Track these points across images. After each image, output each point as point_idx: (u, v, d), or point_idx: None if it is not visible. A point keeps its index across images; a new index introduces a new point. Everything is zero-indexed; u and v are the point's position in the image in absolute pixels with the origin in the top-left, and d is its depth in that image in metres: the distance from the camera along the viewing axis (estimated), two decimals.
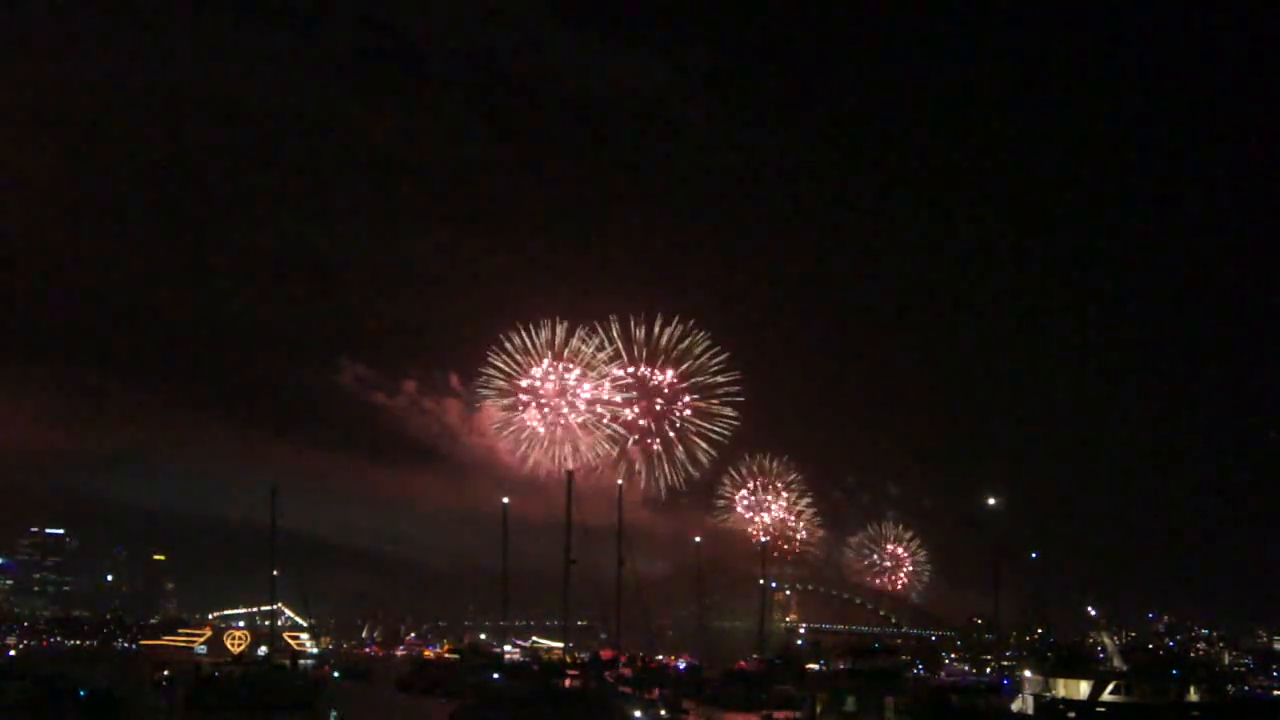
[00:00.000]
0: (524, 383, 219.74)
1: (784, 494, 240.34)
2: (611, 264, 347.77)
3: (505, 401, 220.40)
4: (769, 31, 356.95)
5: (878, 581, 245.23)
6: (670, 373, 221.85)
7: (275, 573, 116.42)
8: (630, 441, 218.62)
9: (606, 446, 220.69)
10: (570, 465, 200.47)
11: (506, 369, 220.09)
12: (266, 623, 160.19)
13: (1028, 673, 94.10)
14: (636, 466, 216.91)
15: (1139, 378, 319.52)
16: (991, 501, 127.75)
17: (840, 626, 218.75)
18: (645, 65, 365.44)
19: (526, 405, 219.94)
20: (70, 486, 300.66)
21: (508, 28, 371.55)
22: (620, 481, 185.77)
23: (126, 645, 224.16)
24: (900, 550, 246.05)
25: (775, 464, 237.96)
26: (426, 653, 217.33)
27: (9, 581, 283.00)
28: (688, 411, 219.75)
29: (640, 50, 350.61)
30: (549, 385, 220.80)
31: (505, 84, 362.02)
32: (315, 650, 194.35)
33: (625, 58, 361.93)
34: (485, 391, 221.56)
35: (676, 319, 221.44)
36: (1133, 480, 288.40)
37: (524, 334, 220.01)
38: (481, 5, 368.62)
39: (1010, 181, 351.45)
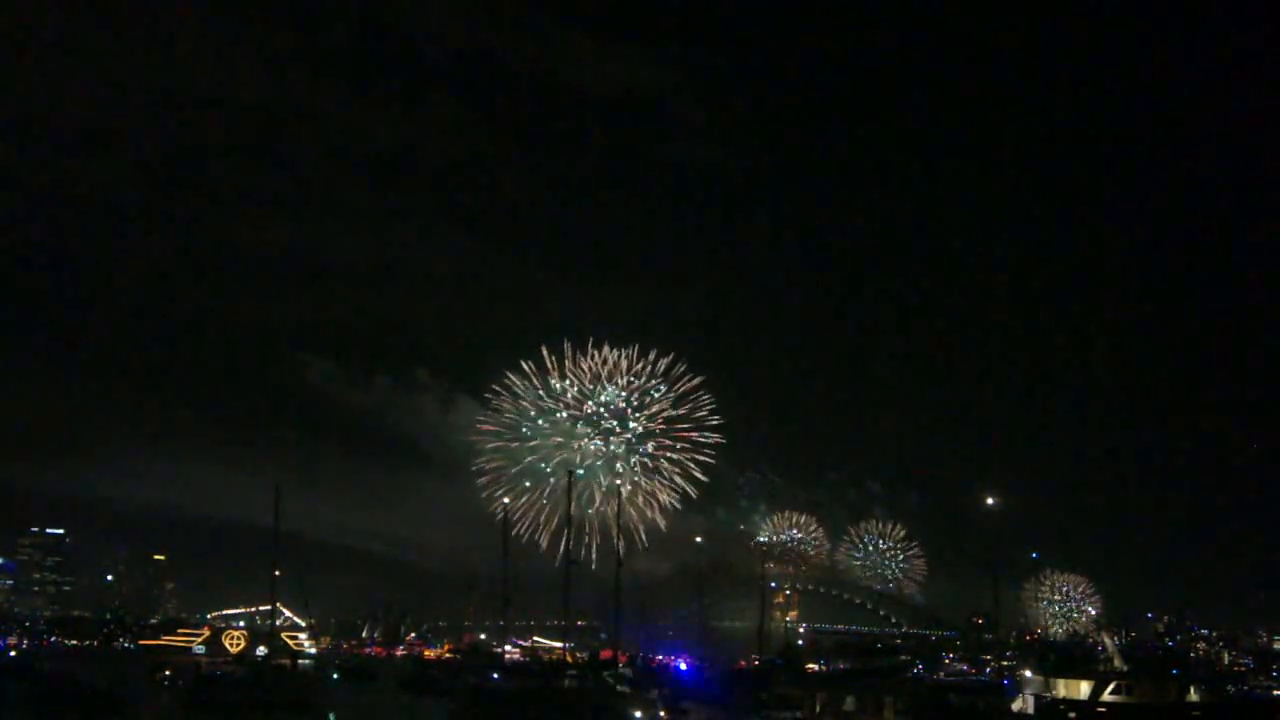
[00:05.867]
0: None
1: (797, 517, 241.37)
2: (609, 261, 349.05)
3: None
4: (768, 32, 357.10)
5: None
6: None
7: (277, 573, 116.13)
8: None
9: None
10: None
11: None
12: (266, 623, 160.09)
13: (1028, 673, 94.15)
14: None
15: (1139, 378, 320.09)
16: (989, 501, 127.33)
17: (840, 626, 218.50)
18: (645, 65, 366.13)
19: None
20: (70, 486, 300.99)
21: (508, 28, 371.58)
22: (619, 482, 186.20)
23: (126, 645, 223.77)
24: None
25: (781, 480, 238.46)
26: (427, 653, 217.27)
27: (9, 581, 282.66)
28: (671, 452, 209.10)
29: (640, 50, 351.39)
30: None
31: (505, 83, 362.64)
32: (313, 650, 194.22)
33: (625, 58, 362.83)
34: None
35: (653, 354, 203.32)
36: (1132, 481, 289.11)
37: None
38: (481, 5, 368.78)
39: (1008, 182, 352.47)
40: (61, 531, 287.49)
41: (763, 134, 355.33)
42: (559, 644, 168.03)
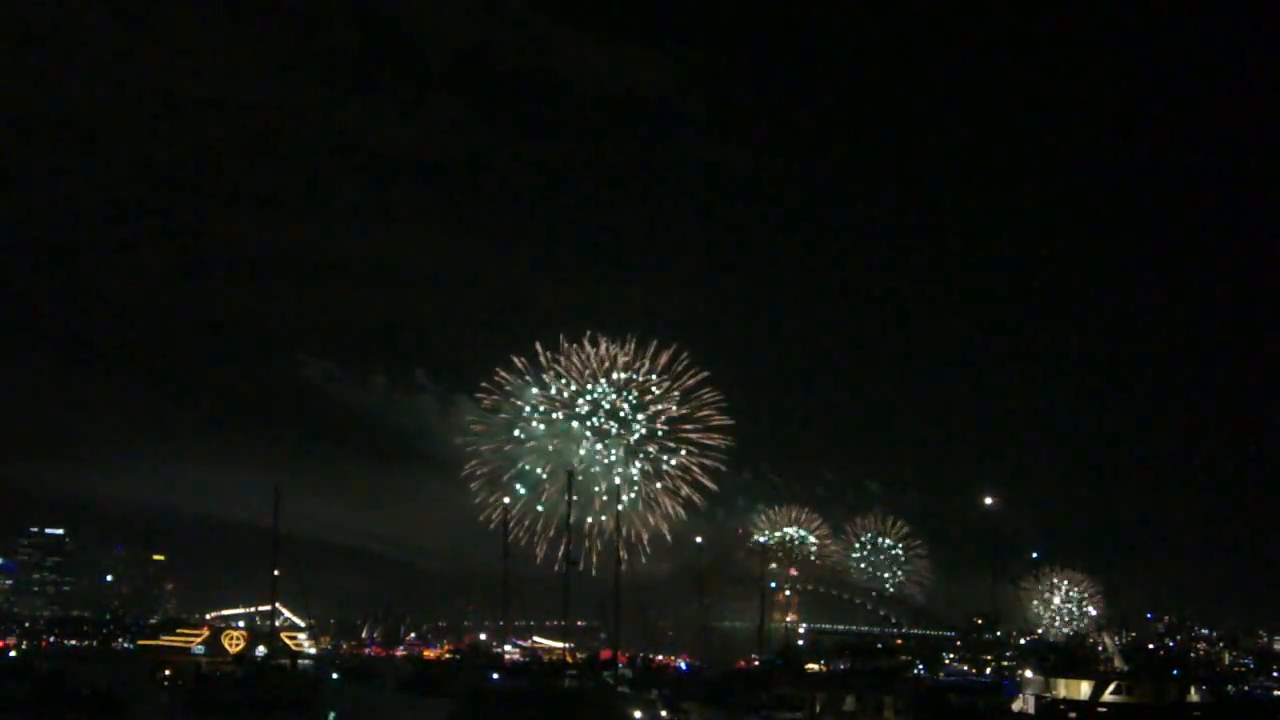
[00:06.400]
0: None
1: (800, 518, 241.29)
2: (610, 262, 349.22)
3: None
4: (768, 31, 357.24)
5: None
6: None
7: (276, 573, 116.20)
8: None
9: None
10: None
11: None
12: (265, 623, 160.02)
13: (1029, 673, 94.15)
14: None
15: (1139, 378, 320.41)
16: (989, 501, 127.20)
17: (840, 626, 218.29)
18: (646, 65, 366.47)
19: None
20: (70, 486, 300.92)
21: (507, 27, 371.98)
22: (618, 482, 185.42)
23: (126, 645, 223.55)
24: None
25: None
26: (426, 653, 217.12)
27: (9, 581, 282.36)
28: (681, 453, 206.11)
29: (640, 50, 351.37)
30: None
31: (505, 83, 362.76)
32: (313, 650, 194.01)
33: (625, 57, 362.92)
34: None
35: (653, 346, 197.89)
36: (1132, 481, 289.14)
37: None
38: (481, 5, 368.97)
39: (1010, 181, 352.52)
40: (61, 531, 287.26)
41: (763, 133, 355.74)
42: (559, 644, 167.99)
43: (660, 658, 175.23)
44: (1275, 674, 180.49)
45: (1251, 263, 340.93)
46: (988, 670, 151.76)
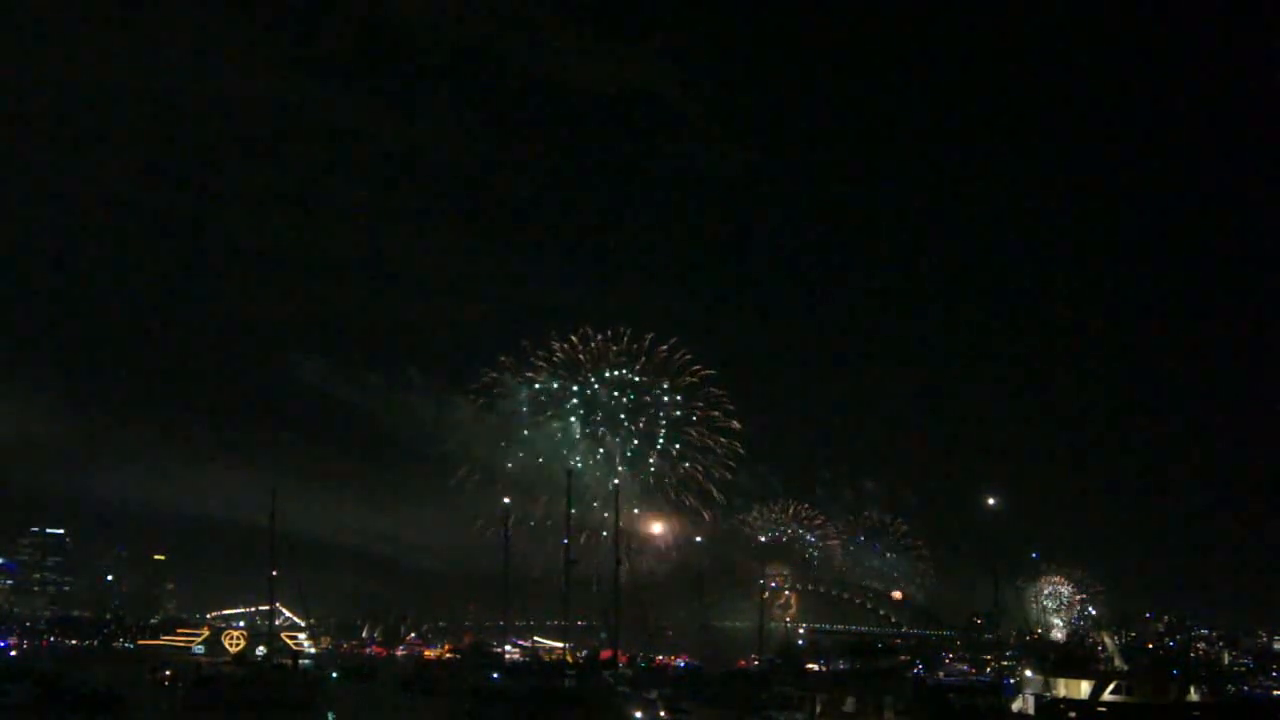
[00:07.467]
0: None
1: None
2: (609, 261, 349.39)
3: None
4: (768, 31, 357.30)
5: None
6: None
7: (274, 573, 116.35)
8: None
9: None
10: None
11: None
12: (265, 623, 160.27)
13: (1028, 673, 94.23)
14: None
15: (1138, 377, 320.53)
16: (989, 501, 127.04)
17: (840, 626, 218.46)
18: (646, 65, 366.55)
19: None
20: (70, 486, 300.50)
21: (508, 27, 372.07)
22: (616, 481, 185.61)
23: (126, 645, 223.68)
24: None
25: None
26: (427, 653, 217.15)
27: (9, 581, 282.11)
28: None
29: (641, 49, 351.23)
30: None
31: (505, 83, 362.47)
32: (313, 650, 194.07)
33: (626, 56, 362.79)
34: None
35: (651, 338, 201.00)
36: (1132, 481, 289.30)
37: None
38: (481, 4, 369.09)
39: (1009, 180, 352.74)
40: (61, 531, 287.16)
41: (763, 132, 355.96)
42: (559, 644, 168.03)
43: (660, 658, 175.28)
44: (1275, 674, 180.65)
45: (1250, 260, 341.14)
46: (988, 670, 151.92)
